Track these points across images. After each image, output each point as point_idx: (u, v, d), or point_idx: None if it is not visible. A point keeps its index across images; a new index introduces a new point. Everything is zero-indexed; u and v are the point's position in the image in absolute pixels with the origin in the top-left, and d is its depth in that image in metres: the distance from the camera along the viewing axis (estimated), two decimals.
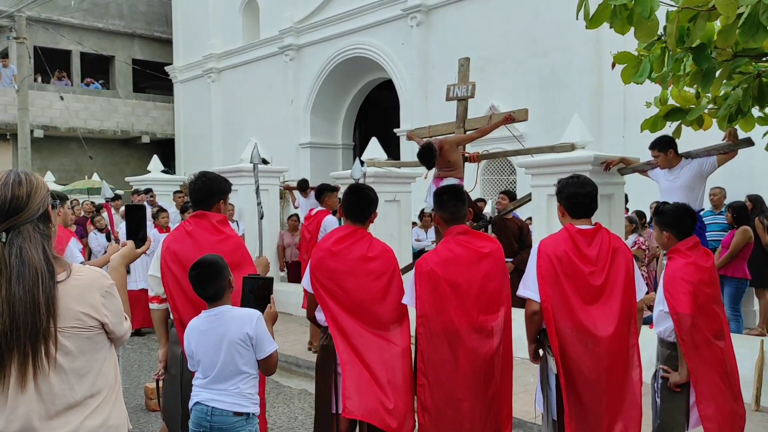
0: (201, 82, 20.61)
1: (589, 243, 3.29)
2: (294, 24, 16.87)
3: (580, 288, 3.24)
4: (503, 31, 12.43)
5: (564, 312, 3.22)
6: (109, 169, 20.93)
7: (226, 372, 2.83)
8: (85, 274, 1.93)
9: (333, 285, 3.48)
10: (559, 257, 3.25)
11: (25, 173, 1.92)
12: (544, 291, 3.24)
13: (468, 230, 3.60)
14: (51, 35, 20.30)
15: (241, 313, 2.88)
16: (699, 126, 4.87)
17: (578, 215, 3.37)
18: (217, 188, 3.64)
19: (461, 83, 7.10)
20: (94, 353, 1.92)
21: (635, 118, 5.16)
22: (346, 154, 17.73)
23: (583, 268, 3.24)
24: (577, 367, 3.20)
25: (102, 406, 1.92)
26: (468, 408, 3.37)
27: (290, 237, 10.64)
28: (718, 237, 7.41)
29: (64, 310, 1.84)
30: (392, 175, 8.74)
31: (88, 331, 1.89)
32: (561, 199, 3.43)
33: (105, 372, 1.95)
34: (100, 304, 1.91)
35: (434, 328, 3.40)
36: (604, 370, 3.19)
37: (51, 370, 1.81)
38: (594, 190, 3.42)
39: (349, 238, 3.57)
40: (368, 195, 3.70)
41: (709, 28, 3.72)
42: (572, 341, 3.20)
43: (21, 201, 1.85)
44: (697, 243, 3.48)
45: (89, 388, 1.89)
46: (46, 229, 1.89)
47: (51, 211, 1.93)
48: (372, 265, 3.52)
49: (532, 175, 6.70)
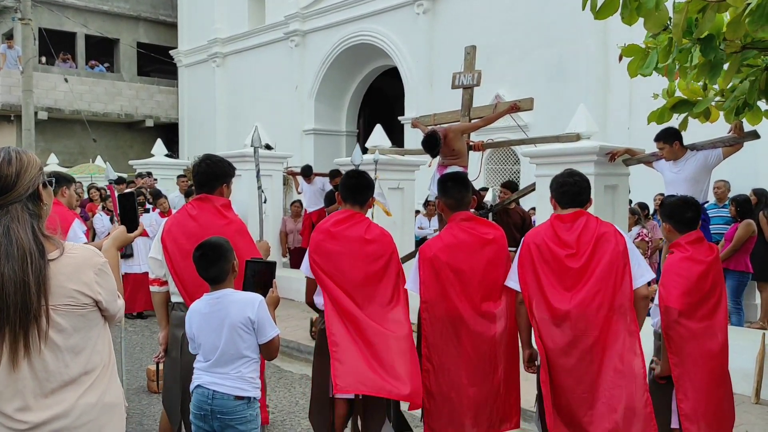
0: (206, 67, 20.57)
1: (569, 228, 3.28)
2: (300, 9, 16.80)
3: (557, 273, 3.23)
4: (510, 20, 12.37)
5: (540, 300, 3.23)
6: (113, 153, 20.93)
7: (228, 356, 2.83)
8: (78, 252, 1.93)
9: (331, 267, 3.50)
10: (537, 244, 3.29)
11: (16, 151, 1.91)
12: (523, 279, 3.29)
13: (472, 217, 3.61)
14: (56, 17, 20.24)
15: (243, 296, 2.89)
16: (706, 118, 4.84)
17: (566, 204, 3.38)
18: (221, 171, 3.62)
19: (467, 71, 7.08)
20: (88, 330, 1.92)
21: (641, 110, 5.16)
22: (350, 140, 17.70)
23: (560, 252, 3.23)
24: (556, 356, 3.18)
25: (96, 383, 1.93)
26: (474, 393, 3.39)
27: (293, 223, 10.65)
28: (721, 230, 7.40)
29: (57, 287, 1.84)
30: (396, 162, 8.73)
31: (82, 309, 1.90)
32: (551, 190, 3.47)
33: (99, 349, 1.96)
34: (94, 282, 1.92)
35: (438, 313, 3.42)
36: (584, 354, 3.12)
37: (45, 347, 1.82)
38: (583, 181, 3.41)
39: (348, 221, 3.59)
40: (367, 179, 3.74)
41: (718, 19, 3.70)
42: (550, 330, 3.20)
43: (9, 180, 1.85)
44: (700, 237, 3.45)
45: (84, 366, 1.90)
46: (36, 208, 1.89)
47: (42, 190, 1.92)
48: (370, 247, 3.54)
49: (537, 165, 6.68)
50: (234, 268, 2.94)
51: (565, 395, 3.18)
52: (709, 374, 3.31)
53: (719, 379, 3.36)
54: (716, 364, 3.34)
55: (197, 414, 2.87)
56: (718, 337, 3.33)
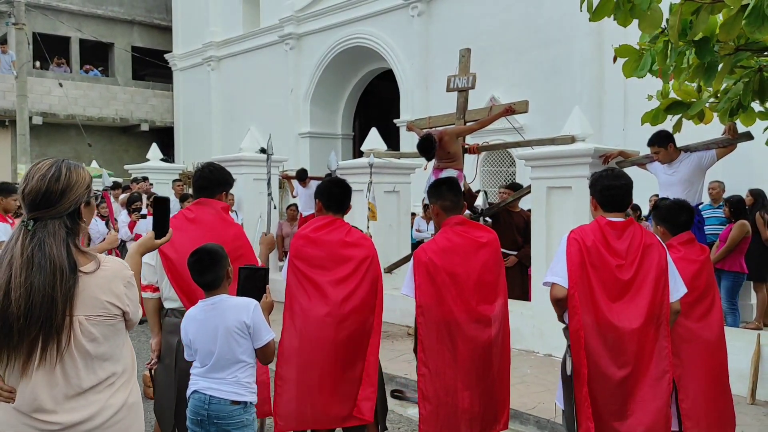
0: (201, 70, 20.55)
1: (619, 236, 3.15)
2: (294, 12, 16.79)
3: (606, 282, 3.10)
4: (505, 22, 12.39)
5: (587, 305, 3.08)
6: (108, 157, 20.88)
7: (224, 361, 2.84)
8: (110, 265, 2.01)
9: (312, 270, 3.56)
10: (588, 247, 3.12)
11: (68, 167, 1.96)
12: (573, 278, 3.10)
13: (465, 220, 3.62)
14: (50, 21, 20.20)
15: (238, 302, 2.89)
16: (700, 120, 4.86)
17: (611, 209, 3.25)
18: (222, 179, 3.67)
19: (462, 74, 7.09)
20: (115, 339, 2.01)
21: (636, 111, 5.15)
22: (345, 144, 17.71)
23: (611, 260, 3.11)
24: (594, 363, 3.06)
25: (123, 386, 2.03)
26: (467, 396, 3.39)
27: (289, 227, 10.64)
28: (716, 231, 7.42)
29: (92, 299, 1.92)
30: (392, 165, 8.72)
31: (112, 319, 1.98)
32: (594, 192, 3.32)
33: (124, 355, 2.06)
34: (124, 294, 2.00)
35: (434, 317, 3.42)
36: (625, 368, 3.03)
37: (78, 355, 1.90)
38: (629, 183, 3.31)
39: (328, 226, 3.66)
40: (347, 186, 3.81)
41: (711, 21, 3.71)
42: (593, 337, 3.07)
43: (54, 197, 1.90)
44: (692, 239, 3.47)
45: (110, 371, 1.99)
46: (74, 225, 1.95)
47: (84, 208, 1.98)
48: (350, 250, 3.60)
49: (532, 168, 6.69)
50: (229, 275, 2.95)
51: (599, 404, 3.08)
52: (709, 373, 3.33)
53: (718, 378, 3.38)
54: (716, 362, 3.37)
55: (194, 419, 2.87)
56: (715, 335, 3.35)
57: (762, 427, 4.52)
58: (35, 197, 1.89)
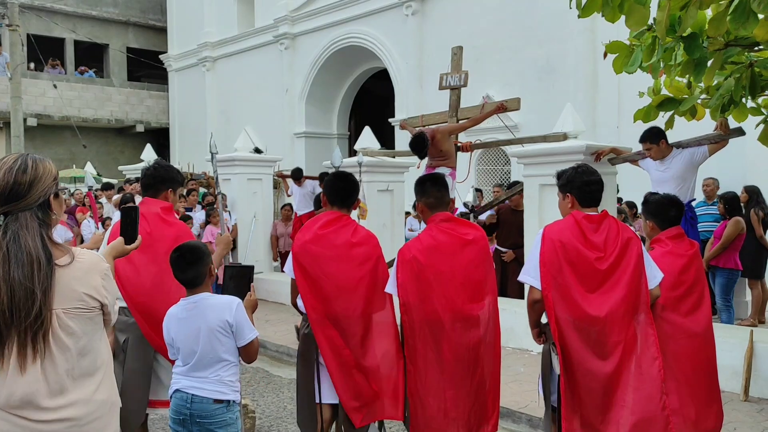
0: (196, 71, 20.51)
1: (596, 229, 3.17)
2: (289, 12, 16.77)
3: (584, 275, 3.11)
4: (499, 21, 12.37)
5: (564, 302, 3.10)
6: (104, 159, 20.86)
7: (206, 360, 2.81)
8: (87, 257, 2.00)
9: (317, 270, 3.46)
10: (564, 243, 3.13)
11: (34, 160, 1.96)
12: (546, 279, 3.12)
13: (451, 217, 3.56)
14: (44, 23, 20.14)
15: (220, 300, 2.87)
16: (692, 116, 4.84)
17: (588, 203, 3.29)
18: (167, 176, 3.66)
19: (454, 72, 7.06)
20: (93, 333, 1.99)
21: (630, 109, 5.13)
22: (341, 143, 17.67)
23: (589, 255, 3.12)
24: (577, 357, 3.08)
25: (103, 382, 2.02)
26: (451, 396, 3.35)
27: (283, 227, 10.60)
28: (710, 228, 7.40)
29: (69, 291, 1.91)
30: (385, 164, 8.70)
31: (90, 312, 1.97)
32: (572, 188, 3.31)
33: (102, 351, 2.04)
34: (101, 286, 1.99)
35: (417, 317, 3.36)
36: (607, 359, 3.05)
37: (56, 349, 1.89)
38: (601, 178, 3.36)
39: (335, 224, 3.55)
40: (353, 181, 3.72)
41: (700, 16, 3.69)
42: (571, 332, 3.09)
43: (22, 188, 1.90)
44: (681, 233, 3.46)
45: (89, 366, 1.97)
46: (46, 217, 1.94)
47: (53, 200, 1.97)
48: (356, 250, 3.50)
49: (524, 165, 6.67)
50: (211, 272, 2.93)
51: (583, 397, 3.10)
52: (697, 368, 3.30)
53: (706, 373, 3.36)
54: (703, 357, 3.34)
55: (176, 419, 2.84)
56: (703, 330, 3.33)
57: (754, 423, 4.50)
58: (3, 191, 1.88)
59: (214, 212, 9.56)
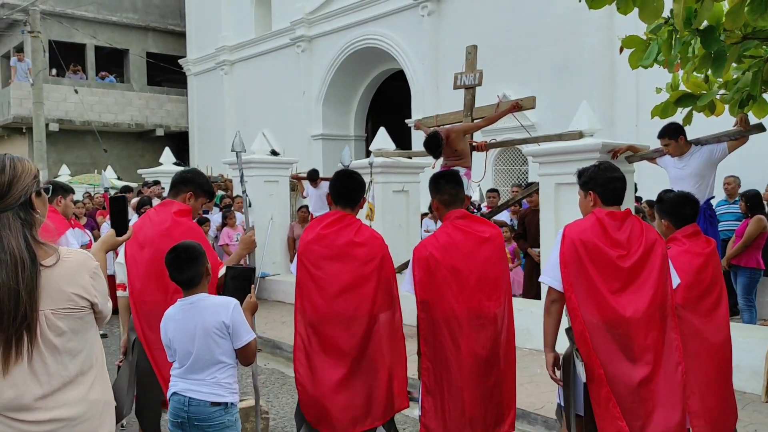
0: (214, 75, 20.67)
1: (619, 227, 3.05)
2: (305, 15, 16.82)
3: (608, 274, 2.97)
4: (514, 19, 12.29)
5: (590, 303, 2.95)
6: (124, 162, 21.07)
7: (203, 361, 2.78)
8: (73, 256, 1.97)
9: (318, 270, 3.44)
10: (585, 242, 3.00)
11: (11, 159, 1.93)
12: (567, 280, 2.98)
13: (467, 214, 3.52)
14: (65, 29, 20.42)
15: (217, 301, 2.84)
16: (711, 112, 4.76)
17: (611, 202, 3.16)
18: (191, 179, 3.68)
19: (468, 71, 7.03)
20: (84, 333, 1.97)
21: (648, 106, 5.03)
22: (358, 145, 17.68)
23: (611, 252, 3.00)
24: (606, 362, 2.94)
25: (96, 382, 1.99)
26: (468, 395, 3.31)
27: (300, 228, 10.61)
28: (732, 226, 7.27)
29: (57, 292, 1.88)
30: (400, 165, 8.68)
31: (80, 312, 1.94)
32: (595, 186, 3.18)
33: (95, 350, 2.02)
34: (90, 285, 1.96)
35: (434, 314, 3.33)
36: (638, 362, 2.92)
37: (46, 350, 1.86)
38: (624, 174, 3.26)
39: (338, 224, 3.52)
40: (358, 179, 3.67)
41: (717, 9, 3.62)
42: (599, 335, 2.93)
43: (1, 189, 1.87)
44: (697, 231, 3.38)
45: (80, 366, 1.94)
46: (28, 216, 1.91)
47: (35, 199, 1.93)
48: (359, 250, 3.47)
49: (540, 164, 6.60)
50: (208, 272, 2.89)
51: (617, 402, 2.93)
52: (714, 369, 3.22)
53: (724, 375, 3.28)
54: (721, 358, 3.26)
55: (174, 422, 2.82)
56: (722, 331, 3.25)
57: None
58: None
59: (230, 214, 9.63)
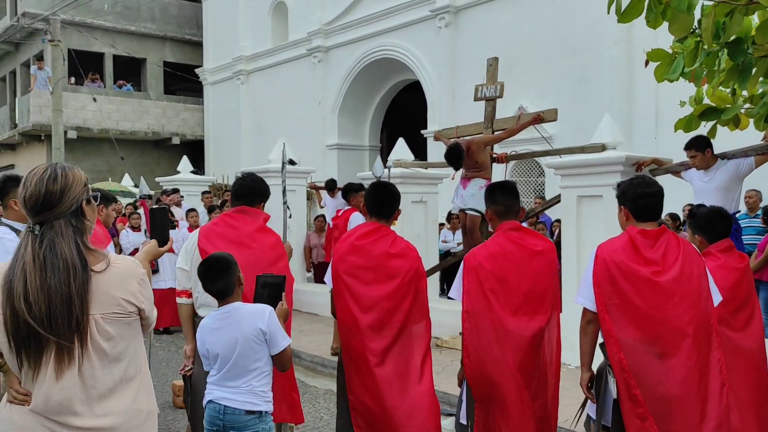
0: (230, 84, 20.81)
1: (653, 245, 2.98)
2: (322, 26, 16.93)
3: (645, 291, 2.91)
4: (532, 31, 12.30)
5: (628, 321, 2.89)
6: (140, 170, 21.18)
7: (239, 369, 2.82)
8: (122, 262, 2.03)
9: (354, 280, 3.46)
10: (617, 263, 2.95)
11: (63, 168, 1.98)
12: (600, 300, 2.94)
13: (520, 227, 3.49)
14: (84, 38, 20.67)
15: (253, 308, 2.89)
16: (735, 126, 4.74)
17: (645, 218, 3.06)
18: (262, 189, 3.71)
19: (489, 83, 7.03)
20: (131, 339, 2.01)
21: (667, 119, 5.05)
22: (373, 155, 17.70)
23: (643, 271, 2.93)
24: (646, 382, 2.86)
25: (141, 390, 2.02)
26: (513, 409, 3.28)
27: (317, 238, 10.65)
28: (753, 240, 7.22)
29: (106, 297, 1.93)
30: (419, 175, 8.69)
31: (128, 317, 1.98)
32: (626, 200, 3.13)
33: (140, 357, 2.06)
34: (138, 291, 2.01)
35: (481, 324, 3.31)
36: (675, 382, 2.83)
37: (94, 355, 1.90)
38: (660, 190, 3.13)
39: (373, 234, 3.54)
40: (393, 191, 3.68)
41: (746, 23, 3.61)
42: (639, 355, 2.87)
43: (54, 197, 1.92)
44: (731, 246, 3.35)
45: (123, 373, 1.98)
46: (80, 223, 1.96)
47: (86, 206, 1.99)
48: (394, 261, 3.48)
49: (562, 176, 6.59)
50: (240, 281, 2.95)
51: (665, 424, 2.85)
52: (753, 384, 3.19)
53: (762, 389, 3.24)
54: (760, 372, 3.24)
55: (210, 429, 2.86)
56: (757, 345, 3.24)
57: None
58: (36, 201, 1.91)
59: None
